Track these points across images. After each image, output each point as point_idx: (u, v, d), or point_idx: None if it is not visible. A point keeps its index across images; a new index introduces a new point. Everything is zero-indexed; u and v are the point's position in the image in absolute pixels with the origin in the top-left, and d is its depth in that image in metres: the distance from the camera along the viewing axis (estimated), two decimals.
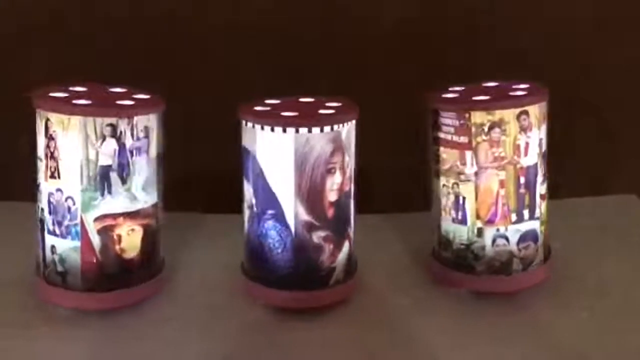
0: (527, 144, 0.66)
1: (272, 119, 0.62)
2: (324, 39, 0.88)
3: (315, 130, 0.61)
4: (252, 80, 0.86)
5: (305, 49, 0.88)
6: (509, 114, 0.64)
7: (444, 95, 0.68)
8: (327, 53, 0.88)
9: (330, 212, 0.63)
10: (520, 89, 0.67)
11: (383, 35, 0.89)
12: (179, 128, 0.74)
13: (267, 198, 0.63)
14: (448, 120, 0.66)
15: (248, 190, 0.65)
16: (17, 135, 0.72)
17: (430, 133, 0.68)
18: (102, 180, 0.61)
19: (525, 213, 0.67)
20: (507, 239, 0.67)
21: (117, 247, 0.62)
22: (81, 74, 0.67)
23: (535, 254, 0.68)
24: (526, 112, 0.65)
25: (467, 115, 0.65)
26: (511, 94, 0.66)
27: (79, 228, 0.61)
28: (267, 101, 0.67)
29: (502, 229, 0.66)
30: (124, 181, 0.61)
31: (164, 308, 0.66)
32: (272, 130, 0.61)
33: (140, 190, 0.62)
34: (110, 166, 0.61)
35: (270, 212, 0.63)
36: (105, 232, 0.62)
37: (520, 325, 0.64)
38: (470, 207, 0.66)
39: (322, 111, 0.63)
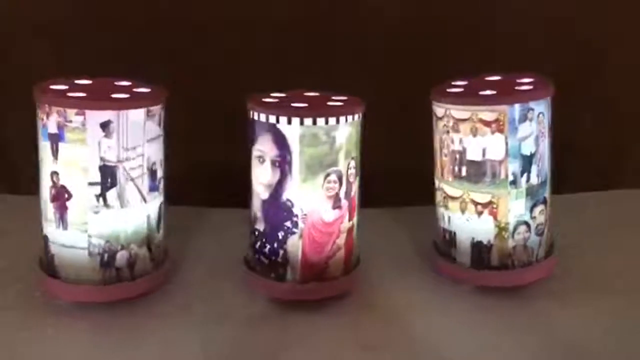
0: None
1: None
2: (328, 35, 0.88)
3: None
4: (255, 76, 0.85)
5: (311, 44, 0.88)
6: None
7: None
8: (330, 50, 0.88)
9: None
10: (526, 82, 0.68)
11: (385, 32, 0.89)
12: (184, 123, 0.74)
13: None
14: None
15: None
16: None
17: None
18: None
19: None
20: None
21: None
22: (87, 69, 0.66)
23: None
24: None
25: None
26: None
27: None
28: (276, 95, 0.67)
29: None
30: None
31: (168, 300, 0.66)
32: None
33: None
34: None
35: None
36: None
37: (524, 320, 0.64)
38: None
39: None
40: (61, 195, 0.62)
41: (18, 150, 0.89)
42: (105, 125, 0.60)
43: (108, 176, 0.61)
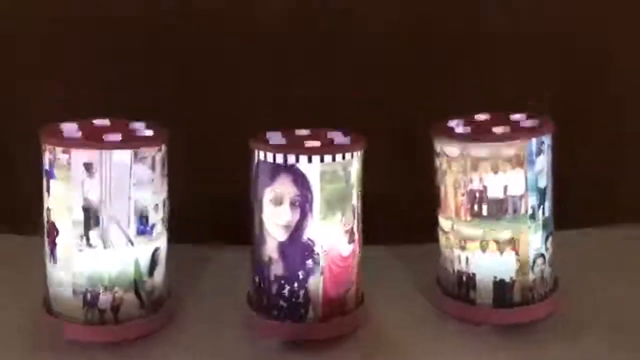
0: None
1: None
2: (323, 68, 0.88)
3: None
4: (255, 111, 0.86)
5: (306, 79, 0.87)
6: None
7: None
8: (326, 82, 0.88)
9: None
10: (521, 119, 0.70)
11: (381, 64, 0.88)
12: (184, 159, 0.72)
13: None
14: None
15: None
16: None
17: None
18: None
19: None
20: None
21: None
22: (87, 104, 0.68)
23: None
24: None
25: None
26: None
27: None
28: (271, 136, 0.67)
29: None
30: None
31: (168, 341, 0.65)
32: None
33: None
34: None
35: None
36: None
37: (529, 358, 0.63)
38: None
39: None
40: (52, 232, 0.63)
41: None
42: (88, 166, 0.61)
43: (90, 216, 0.61)
